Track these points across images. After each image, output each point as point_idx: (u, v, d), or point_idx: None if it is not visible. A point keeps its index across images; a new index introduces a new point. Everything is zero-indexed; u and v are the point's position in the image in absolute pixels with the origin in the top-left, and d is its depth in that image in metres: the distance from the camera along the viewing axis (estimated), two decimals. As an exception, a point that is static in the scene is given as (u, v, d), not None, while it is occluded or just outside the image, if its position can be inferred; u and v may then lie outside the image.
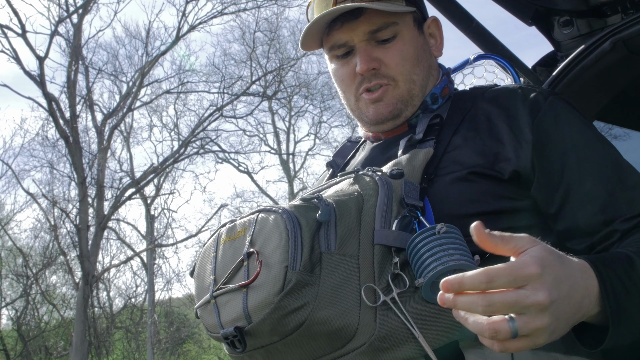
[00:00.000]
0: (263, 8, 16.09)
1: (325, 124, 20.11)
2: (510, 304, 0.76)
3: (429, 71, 1.30)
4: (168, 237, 16.82)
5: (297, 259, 0.92)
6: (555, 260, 0.81)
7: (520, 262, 0.78)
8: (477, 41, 2.08)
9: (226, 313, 0.98)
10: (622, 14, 1.88)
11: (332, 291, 0.93)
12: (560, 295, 0.79)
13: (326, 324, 0.93)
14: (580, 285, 0.84)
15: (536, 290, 0.77)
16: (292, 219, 0.95)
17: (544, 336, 0.79)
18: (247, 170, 18.75)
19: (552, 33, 2.04)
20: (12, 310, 15.97)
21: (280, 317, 0.92)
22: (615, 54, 1.76)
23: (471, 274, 0.76)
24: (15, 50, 12.37)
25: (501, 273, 0.76)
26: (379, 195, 1.01)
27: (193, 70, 16.22)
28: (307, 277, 0.92)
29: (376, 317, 0.94)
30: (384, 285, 0.96)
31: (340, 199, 1.00)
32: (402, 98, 1.25)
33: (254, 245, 0.98)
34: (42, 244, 15.94)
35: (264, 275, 0.94)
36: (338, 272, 0.95)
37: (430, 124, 1.22)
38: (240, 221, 1.04)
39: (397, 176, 1.05)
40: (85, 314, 12.42)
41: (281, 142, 20.24)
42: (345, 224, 0.98)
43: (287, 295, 0.91)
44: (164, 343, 16.59)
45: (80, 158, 13.01)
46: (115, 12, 21.99)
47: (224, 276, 1.00)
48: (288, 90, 17.63)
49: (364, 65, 1.23)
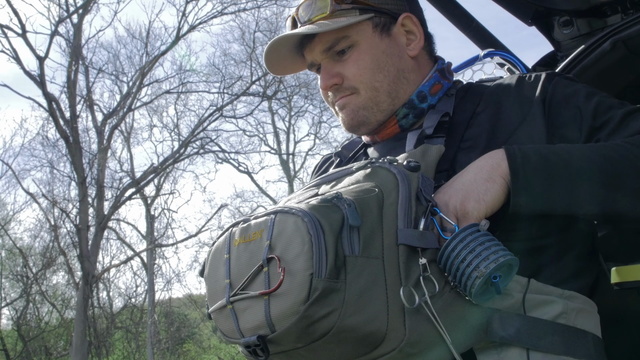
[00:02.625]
0: (263, 8, 16.12)
1: (325, 124, 20.11)
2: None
3: (399, 75, 1.27)
4: (168, 237, 16.83)
5: (323, 266, 0.88)
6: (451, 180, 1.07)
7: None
8: (477, 41, 2.08)
9: (246, 320, 0.95)
10: (622, 14, 1.88)
11: (359, 296, 0.90)
12: (446, 187, 1.05)
13: (354, 331, 0.90)
14: (476, 165, 1.05)
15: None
16: (314, 223, 0.90)
17: (466, 203, 1.01)
18: (247, 170, 18.76)
19: (552, 33, 2.04)
20: (12, 310, 15.98)
21: (307, 326, 0.89)
22: (615, 54, 1.76)
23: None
24: (16, 50, 12.39)
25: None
26: (400, 191, 0.97)
27: (193, 70, 16.25)
28: (333, 283, 0.88)
29: (405, 322, 0.92)
30: (412, 285, 0.93)
31: (361, 197, 0.96)
32: (365, 105, 1.26)
33: (274, 251, 0.93)
34: (42, 244, 15.95)
35: (288, 283, 0.90)
36: (364, 276, 0.91)
37: (440, 121, 1.20)
38: (255, 222, 1.00)
39: (415, 169, 1.01)
40: (85, 314, 12.42)
41: (281, 142, 20.25)
42: (368, 224, 0.94)
43: (314, 303, 0.88)
44: (164, 343, 16.58)
45: (80, 158, 13.01)
46: (115, 12, 22.07)
47: (241, 281, 0.96)
48: (288, 90, 17.65)
49: (322, 83, 1.27)
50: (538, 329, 1.03)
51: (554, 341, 1.03)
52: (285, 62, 1.34)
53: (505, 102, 1.20)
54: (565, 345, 1.04)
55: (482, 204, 1.00)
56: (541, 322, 1.03)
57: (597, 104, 1.15)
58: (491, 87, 1.26)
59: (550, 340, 1.03)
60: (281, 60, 1.33)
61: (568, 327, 1.06)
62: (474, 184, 1.02)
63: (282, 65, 1.34)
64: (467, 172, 1.05)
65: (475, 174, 1.03)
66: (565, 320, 1.07)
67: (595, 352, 1.08)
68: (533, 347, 1.01)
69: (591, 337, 1.10)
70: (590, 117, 1.14)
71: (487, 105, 1.22)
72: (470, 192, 1.01)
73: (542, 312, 1.05)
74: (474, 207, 1.00)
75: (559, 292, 1.08)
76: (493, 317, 1.00)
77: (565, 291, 1.08)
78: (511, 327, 1.00)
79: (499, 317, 1.00)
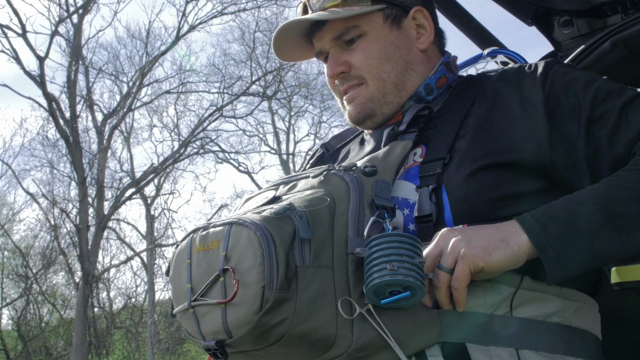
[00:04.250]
0: (263, 8, 16.11)
1: (325, 124, 20.09)
2: (431, 258, 1.00)
3: (406, 67, 1.27)
4: (168, 237, 16.85)
5: (274, 278, 0.92)
6: (453, 229, 1.03)
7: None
8: (477, 41, 2.08)
9: (206, 324, 1.00)
10: (622, 14, 1.88)
11: (309, 305, 0.94)
12: (459, 235, 1.00)
13: (305, 337, 0.94)
14: (494, 226, 1.02)
15: (434, 246, 1.01)
16: (265, 237, 0.94)
17: (471, 247, 0.98)
18: (247, 170, 18.77)
19: (552, 33, 2.04)
20: (12, 310, 15.98)
21: (260, 333, 0.94)
22: (615, 54, 1.76)
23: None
24: (16, 50, 12.41)
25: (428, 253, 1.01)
26: (350, 200, 1.00)
27: (193, 70, 16.25)
28: (284, 294, 0.92)
29: (353, 328, 0.95)
30: (358, 294, 0.96)
31: (313, 207, 0.99)
32: (373, 97, 1.25)
33: (229, 262, 0.97)
34: (42, 244, 15.95)
35: (242, 294, 0.94)
36: (314, 285, 0.95)
37: (417, 114, 1.21)
38: (212, 230, 1.03)
39: (370, 174, 1.05)
40: (85, 314, 12.42)
41: (281, 142, 20.25)
42: (319, 234, 0.97)
43: (266, 313, 0.92)
44: (164, 343, 16.58)
45: (80, 158, 13.01)
46: (115, 12, 22.05)
47: (201, 287, 1.00)
48: (288, 90, 17.65)
49: (329, 71, 1.28)
50: (503, 327, 1.02)
51: (515, 337, 1.02)
52: (294, 48, 1.34)
53: (504, 91, 1.20)
54: (555, 346, 1.04)
55: (487, 256, 0.98)
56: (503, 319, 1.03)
57: (595, 91, 1.14)
58: (492, 77, 1.26)
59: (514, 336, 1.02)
60: (290, 46, 1.33)
61: (558, 325, 1.05)
62: (487, 237, 0.99)
63: (290, 50, 1.34)
64: (483, 227, 1.02)
65: (493, 231, 1.00)
66: (561, 318, 1.06)
67: (583, 350, 1.07)
68: (488, 344, 1.01)
69: (586, 335, 1.09)
70: (589, 107, 1.12)
71: (486, 94, 1.21)
72: (480, 242, 0.99)
73: (532, 308, 1.04)
74: (477, 254, 0.97)
75: (557, 289, 1.07)
76: (447, 317, 1.00)
77: (563, 289, 1.07)
78: (468, 326, 1.01)
79: (455, 316, 1.00)
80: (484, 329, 1.01)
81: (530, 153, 1.10)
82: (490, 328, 1.01)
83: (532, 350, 1.01)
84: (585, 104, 1.13)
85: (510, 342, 1.01)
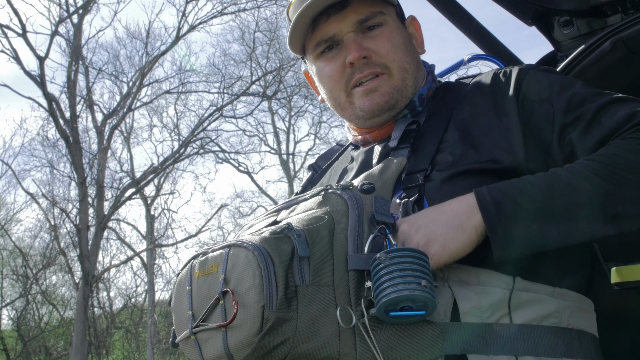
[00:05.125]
0: (263, 8, 16.10)
1: (325, 124, 20.10)
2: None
3: (419, 64, 1.29)
4: (168, 237, 16.84)
5: (273, 298, 0.91)
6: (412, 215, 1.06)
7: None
8: (477, 41, 2.08)
9: (208, 350, 0.98)
10: (622, 14, 1.88)
11: (311, 324, 0.93)
12: (416, 231, 1.01)
13: (308, 357, 0.93)
14: (450, 207, 1.02)
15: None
16: (263, 256, 0.93)
17: (431, 245, 0.99)
18: (247, 170, 18.76)
19: (552, 33, 2.04)
20: (12, 310, 15.98)
21: (262, 355, 0.93)
22: (615, 54, 1.76)
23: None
24: (16, 50, 12.39)
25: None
26: (349, 217, 0.99)
27: (193, 70, 16.23)
28: (284, 313, 0.91)
29: (356, 346, 0.94)
30: (360, 311, 0.95)
31: (312, 226, 0.98)
32: (397, 87, 1.24)
33: (228, 284, 0.96)
34: (42, 244, 15.95)
35: (242, 316, 0.93)
36: (315, 304, 0.94)
37: (406, 129, 1.20)
38: (212, 255, 1.02)
39: (368, 191, 1.04)
40: (85, 314, 12.41)
41: (281, 142, 20.26)
42: (318, 252, 0.96)
43: (267, 334, 0.91)
44: (164, 343, 16.56)
45: (80, 158, 13.01)
46: (115, 12, 21.97)
47: (201, 312, 0.99)
48: (288, 90, 17.63)
49: (355, 53, 1.21)
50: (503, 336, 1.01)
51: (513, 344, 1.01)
52: (298, 36, 1.28)
53: (479, 102, 1.20)
54: (554, 349, 1.03)
55: (446, 251, 0.99)
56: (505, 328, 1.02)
57: (570, 97, 1.13)
58: (469, 85, 1.26)
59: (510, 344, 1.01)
60: (297, 34, 1.27)
61: (556, 328, 1.05)
62: (443, 228, 1.01)
63: (298, 40, 1.29)
64: (440, 213, 1.03)
65: (448, 218, 1.01)
66: (557, 320, 1.05)
67: (582, 351, 1.07)
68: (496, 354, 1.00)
69: (584, 335, 1.09)
70: (562, 113, 1.12)
71: (462, 104, 1.21)
72: (437, 235, 1.00)
73: (529, 311, 1.04)
74: (437, 252, 0.99)
75: (549, 290, 1.06)
76: (450, 330, 0.99)
77: (556, 289, 1.07)
78: (473, 338, 1.00)
79: (456, 328, 1.00)
80: (483, 338, 1.00)
81: (507, 164, 1.10)
82: (490, 336, 1.00)
83: (532, 355, 1.01)
84: (559, 110, 1.13)
85: (510, 349, 1.00)
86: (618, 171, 1.00)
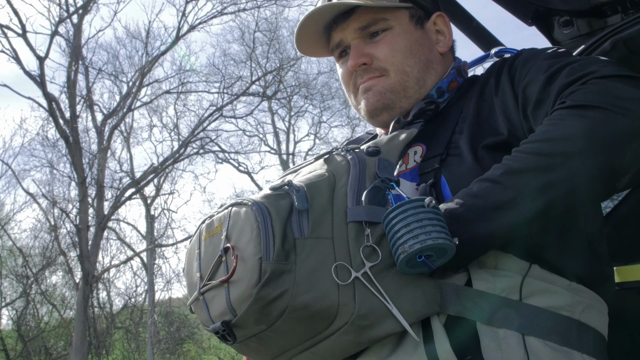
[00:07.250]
0: (263, 8, 16.09)
1: (325, 124, 20.17)
2: None
3: (428, 65, 1.30)
4: (168, 237, 16.83)
5: (270, 249, 0.93)
6: None
7: None
8: (477, 41, 2.09)
9: (214, 308, 1.00)
10: (622, 14, 1.88)
11: (309, 275, 0.94)
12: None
13: (307, 308, 0.94)
14: None
15: None
16: (261, 210, 0.96)
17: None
18: (247, 170, 18.77)
19: (552, 33, 2.04)
20: (12, 310, 15.97)
21: (262, 307, 0.94)
22: (615, 54, 1.76)
23: None
24: (16, 50, 12.36)
25: None
26: (350, 173, 1.02)
27: (193, 70, 16.22)
28: (282, 265, 0.93)
29: (355, 296, 0.95)
30: (359, 262, 0.96)
31: (311, 182, 1.01)
32: (393, 88, 1.27)
33: (230, 240, 0.99)
34: (42, 244, 15.94)
35: (241, 269, 0.95)
36: (313, 256, 0.95)
37: (423, 108, 1.24)
38: (217, 216, 1.06)
39: (373, 153, 1.06)
40: (85, 314, 12.41)
41: (281, 142, 20.25)
42: (317, 206, 0.98)
43: (265, 285, 0.92)
44: (164, 343, 16.57)
45: (80, 158, 13.00)
46: (115, 12, 21.97)
47: (208, 272, 1.02)
48: (288, 90, 17.62)
49: (352, 61, 1.28)
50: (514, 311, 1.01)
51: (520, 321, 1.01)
52: (312, 41, 1.35)
53: (488, 83, 1.24)
54: (562, 337, 1.02)
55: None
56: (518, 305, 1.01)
57: (549, 74, 1.12)
58: (483, 74, 1.30)
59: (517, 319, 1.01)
60: (309, 39, 1.34)
61: (567, 318, 1.04)
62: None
63: (308, 44, 1.36)
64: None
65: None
66: (570, 313, 1.05)
67: (594, 348, 1.06)
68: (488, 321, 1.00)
69: (595, 333, 1.08)
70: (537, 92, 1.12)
71: (476, 90, 1.25)
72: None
73: (542, 299, 1.03)
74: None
75: (566, 283, 1.06)
76: (447, 289, 0.99)
77: (572, 283, 1.06)
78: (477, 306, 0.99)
79: (454, 289, 1.00)
80: (493, 309, 0.99)
81: (509, 134, 1.12)
82: (500, 309, 1.00)
83: (539, 338, 0.99)
84: (536, 88, 1.13)
85: (519, 326, 0.99)
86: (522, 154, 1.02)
